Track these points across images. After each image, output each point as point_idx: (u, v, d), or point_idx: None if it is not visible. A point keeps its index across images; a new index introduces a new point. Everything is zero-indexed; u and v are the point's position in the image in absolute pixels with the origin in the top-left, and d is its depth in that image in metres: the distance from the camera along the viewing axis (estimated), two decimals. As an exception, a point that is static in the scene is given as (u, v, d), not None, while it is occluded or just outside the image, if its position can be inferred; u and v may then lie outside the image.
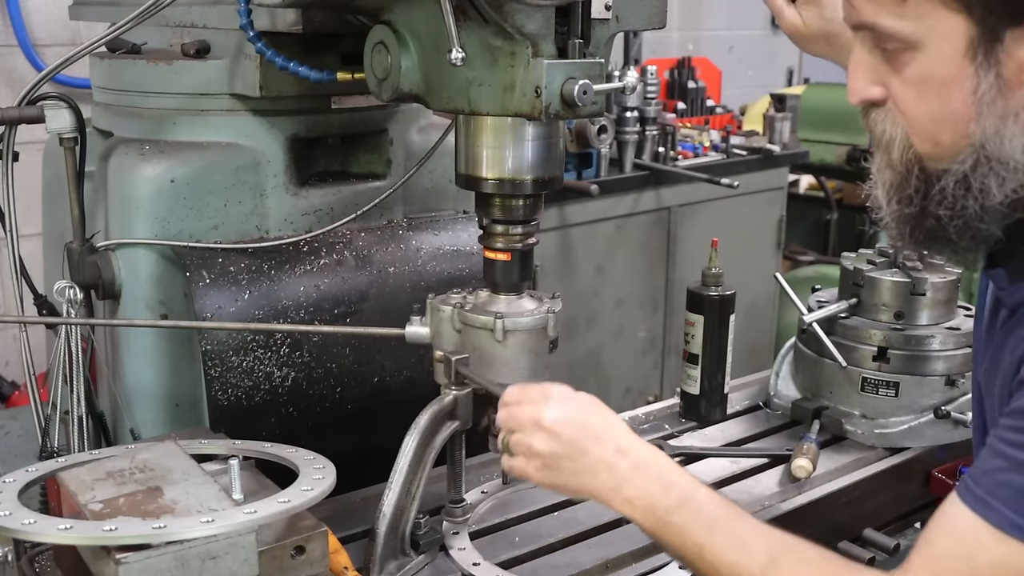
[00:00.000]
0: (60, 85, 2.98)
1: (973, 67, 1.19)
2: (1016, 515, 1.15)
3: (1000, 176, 1.22)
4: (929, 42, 1.20)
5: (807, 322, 2.12)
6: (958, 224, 1.26)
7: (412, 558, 1.61)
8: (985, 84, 1.19)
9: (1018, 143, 1.21)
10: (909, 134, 1.26)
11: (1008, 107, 1.20)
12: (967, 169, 1.23)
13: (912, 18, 1.20)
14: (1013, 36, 1.17)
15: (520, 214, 1.65)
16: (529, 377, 1.68)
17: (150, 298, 1.88)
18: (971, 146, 1.22)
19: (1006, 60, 1.18)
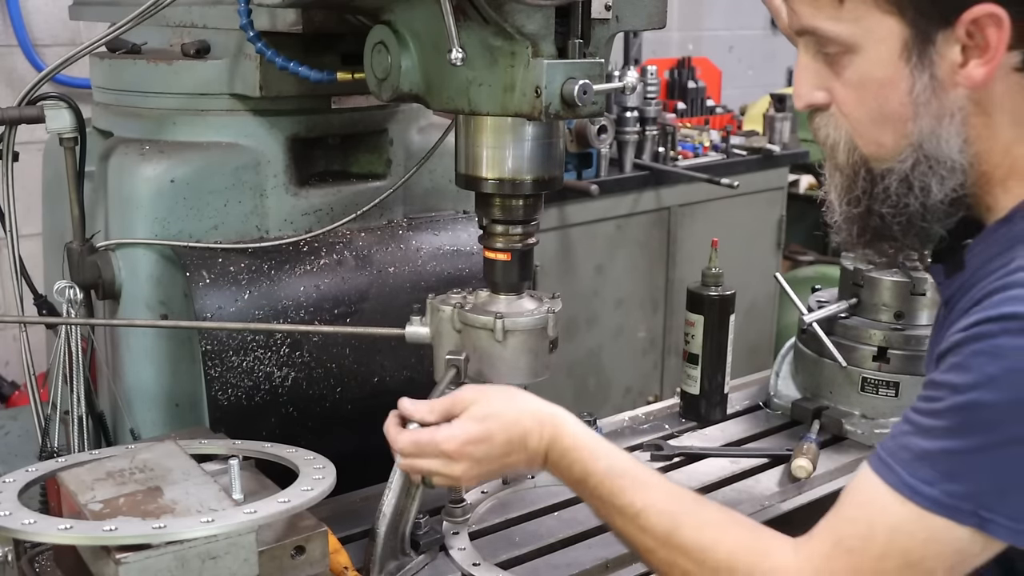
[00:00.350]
0: (60, 85, 2.98)
1: (908, 68, 1.23)
2: (912, 477, 1.17)
3: (939, 175, 1.26)
4: (866, 44, 1.24)
5: (807, 322, 2.12)
6: (901, 222, 1.30)
7: (412, 558, 1.61)
8: (920, 85, 1.23)
9: (955, 143, 1.25)
10: (852, 136, 1.30)
11: (943, 107, 1.24)
12: (908, 168, 1.27)
13: (849, 21, 1.24)
14: (945, 37, 1.21)
15: (520, 214, 1.65)
16: (529, 377, 1.68)
17: (150, 298, 1.89)
18: (911, 146, 1.26)
19: (939, 61, 1.22)
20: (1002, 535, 1.16)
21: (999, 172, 1.28)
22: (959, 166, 1.26)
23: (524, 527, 1.75)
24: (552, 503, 1.82)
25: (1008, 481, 1.15)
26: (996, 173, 1.29)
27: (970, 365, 1.16)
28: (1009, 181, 1.28)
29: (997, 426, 1.14)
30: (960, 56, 1.21)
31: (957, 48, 1.21)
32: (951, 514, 1.16)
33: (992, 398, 1.13)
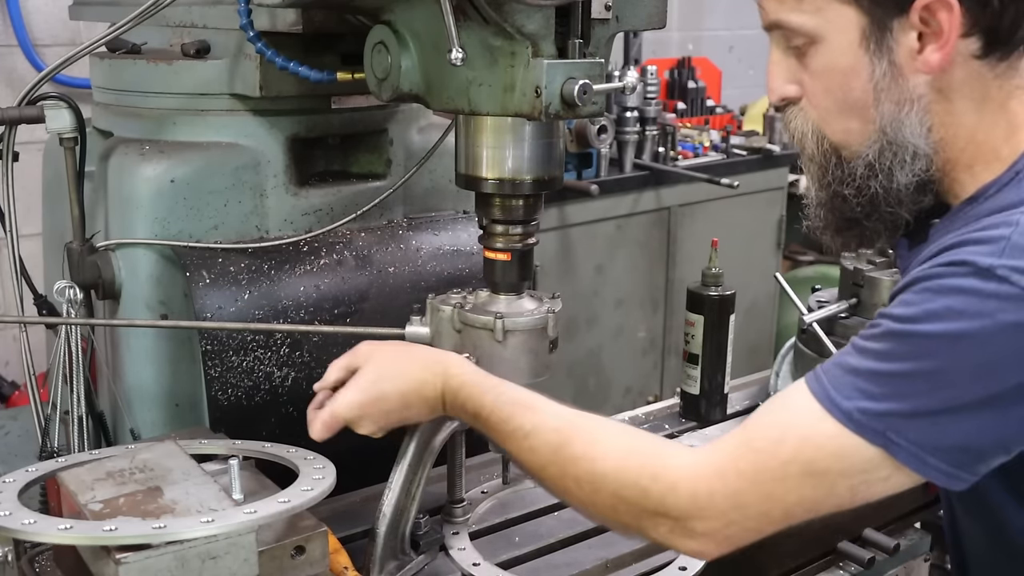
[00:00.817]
0: (60, 85, 2.98)
1: (867, 56, 1.28)
2: (836, 392, 1.21)
3: (903, 160, 1.32)
4: (828, 35, 1.30)
5: (807, 322, 2.12)
6: (863, 203, 1.36)
7: (412, 558, 1.61)
8: (879, 71, 1.29)
9: (918, 130, 1.30)
10: (821, 126, 1.36)
11: (903, 94, 1.29)
12: (874, 154, 1.32)
13: (811, 13, 1.30)
14: (900, 25, 1.26)
15: (520, 214, 1.65)
16: (529, 377, 1.68)
17: (150, 298, 1.89)
18: (875, 131, 1.32)
19: (896, 47, 1.27)
20: (904, 459, 1.19)
21: (964, 157, 1.33)
22: (923, 152, 1.31)
23: (524, 527, 1.75)
24: (552, 503, 1.82)
25: (921, 409, 1.18)
26: (961, 158, 1.33)
27: (914, 300, 1.21)
28: (975, 166, 1.33)
29: (928, 355, 1.18)
30: (917, 42, 1.27)
31: (913, 34, 1.26)
32: (862, 431, 1.20)
33: (926, 329, 1.18)
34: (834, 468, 1.22)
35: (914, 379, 1.19)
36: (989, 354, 1.16)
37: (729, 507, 1.26)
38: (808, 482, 1.23)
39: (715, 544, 1.29)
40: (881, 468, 1.21)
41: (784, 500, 1.25)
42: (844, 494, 1.24)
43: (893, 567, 1.83)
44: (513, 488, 1.86)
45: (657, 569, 1.62)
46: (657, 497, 1.28)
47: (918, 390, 1.19)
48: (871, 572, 1.76)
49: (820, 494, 1.24)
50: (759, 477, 1.25)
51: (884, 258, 2.17)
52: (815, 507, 1.26)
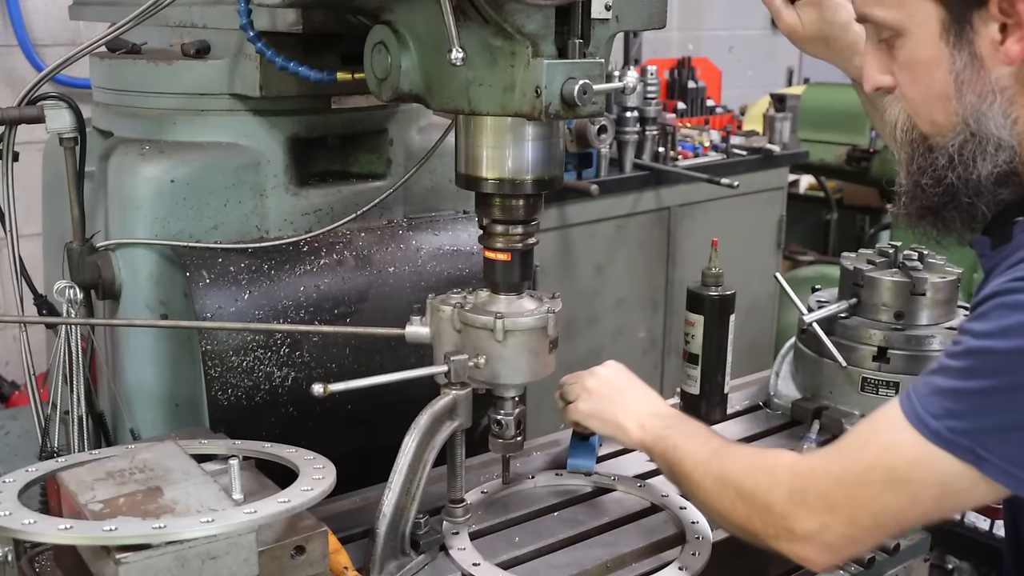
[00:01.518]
0: (60, 85, 2.98)
1: (948, 48, 1.31)
2: (924, 409, 1.26)
3: (985, 151, 1.34)
4: (911, 27, 1.34)
5: (807, 322, 2.12)
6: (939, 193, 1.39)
7: (412, 558, 1.61)
8: (960, 63, 1.31)
9: (1000, 121, 1.32)
10: (911, 115, 1.40)
11: (986, 85, 1.32)
12: (957, 145, 1.34)
13: (892, 6, 1.34)
14: (980, 17, 1.28)
15: (520, 214, 1.65)
16: (530, 377, 1.68)
17: (150, 298, 1.89)
18: (959, 123, 1.34)
19: (977, 39, 1.30)
20: (994, 475, 1.23)
21: None
22: (1006, 144, 1.33)
23: (524, 527, 1.75)
24: (552, 503, 1.82)
25: (1009, 425, 1.21)
26: None
27: (990, 315, 1.24)
28: None
29: (1005, 372, 1.21)
30: (999, 34, 1.28)
31: (995, 26, 1.28)
32: (950, 447, 1.24)
33: (1004, 346, 1.21)
34: (914, 477, 1.27)
35: (994, 395, 1.22)
36: None
37: (821, 508, 1.34)
38: (890, 489, 1.29)
39: (817, 551, 1.37)
40: (963, 479, 1.25)
41: (869, 505, 1.31)
42: (928, 504, 1.29)
43: (893, 567, 1.82)
44: (513, 488, 1.86)
45: (657, 569, 1.62)
46: (764, 490, 1.40)
47: (1000, 406, 1.22)
48: (871, 572, 1.76)
49: (903, 502, 1.29)
50: (845, 479, 1.32)
51: (884, 258, 2.18)
52: (900, 515, 1.31)
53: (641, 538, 1.71)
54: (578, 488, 1.88)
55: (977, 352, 1.24)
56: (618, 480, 1.88)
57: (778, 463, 1.43)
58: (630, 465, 1.97)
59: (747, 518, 1.45)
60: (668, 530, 1.73)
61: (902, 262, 2.14)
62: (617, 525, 1.76)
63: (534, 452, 2.02)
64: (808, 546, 1.37)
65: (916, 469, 1.27)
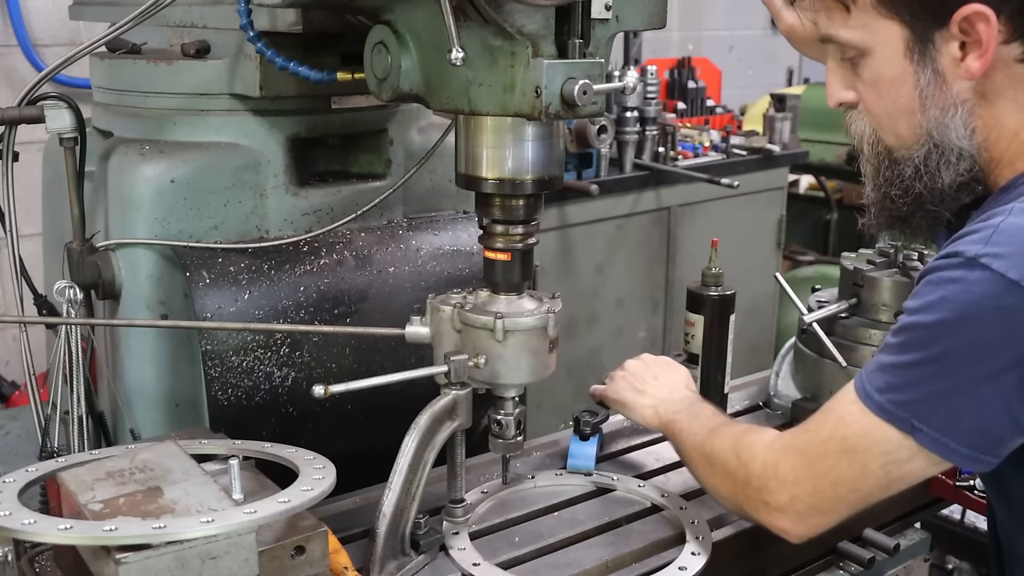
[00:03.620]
0: (60, 85, 2.98)
1: (912, 65, 1.39)
2: (870, 385, 1.37)
3: (948, 161, 1.42)
4: (875, 47, 1.40)
5: (807, 322, 2.12)
6: (909, 202, 1.47)
7: (412, 558, 1.61)
8: (924, 79, 1.39)
9: (961, 132, 1.40)
10: (876, 129, 1.47)
11: (948, 99, 1.39)
12: (921, 157, 1.42)
13: (858, 28, 1.40)
14: (942, 36, 1.36)
15: (520, 214, 1.65)
16: (530, 377, 1.68)
17: (150, 298, 1.89)
18: (923, 135, 1.42)
19: (939, 57, 1.37)
20: (927, 444, 1.32)
21: (1007, 156, 1.41)
22: (967, 153, 1.41)
23: (524, 527, 1.75)
24: (552, 503, 1.82)
25: (936, 394, 1.31)
26: (1004, 157, 1.42)
27: (920, 292, 1.35)
28: (1017, 162, 1.41)
29: (928, 344, 1.31)
30: (959, 51, 1.36)
31: (955, 44, 1.35)
32: (889, 418, 1.34)
33: (929, 319, 1.31)
34: (862, 447, 1.37)
35: (924, 367, 1.31)
36: (980, 336, 1.27)
37: (791, 480, 1.45)
38: (844, 459, 1.39)
39: (790, 521, 1.47)
40: (903, 448, 1.34)
41: (828, 476, 1.41)
42: (878, 473, 1.38)
43: (893, 567, 1.83)
44: (513, 488, 1.86)
45: (657, 569, 1.62)
46: (744, 464, 1.51)
47: (929, 376, 1.31)
48: (871, 572, 1.76)
49: (855, 472, 1.39)
50: (807, 452, 1.44)
51: (884, 258, 2.17)
52: (856, 485, 1.40)
53: (641, 538, 1.71)
54: (578, 488, 1.88)
55: (909, 327, 1.34)
56: (618, 480, 1.88)
57: (758, 440, 1.53)
58: (630, 465, 1.97)
59: (732, 492, 1.55)
60: (668, 530, 1.73)
61: (902, 262, 2.14)
62: (617, 525, 1.76)
63: (534, 452, 2.02)
64: (782, 517, 1.47)
65: (863, 440, 1.37)
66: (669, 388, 1.86)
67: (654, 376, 1.90)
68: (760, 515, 1.50)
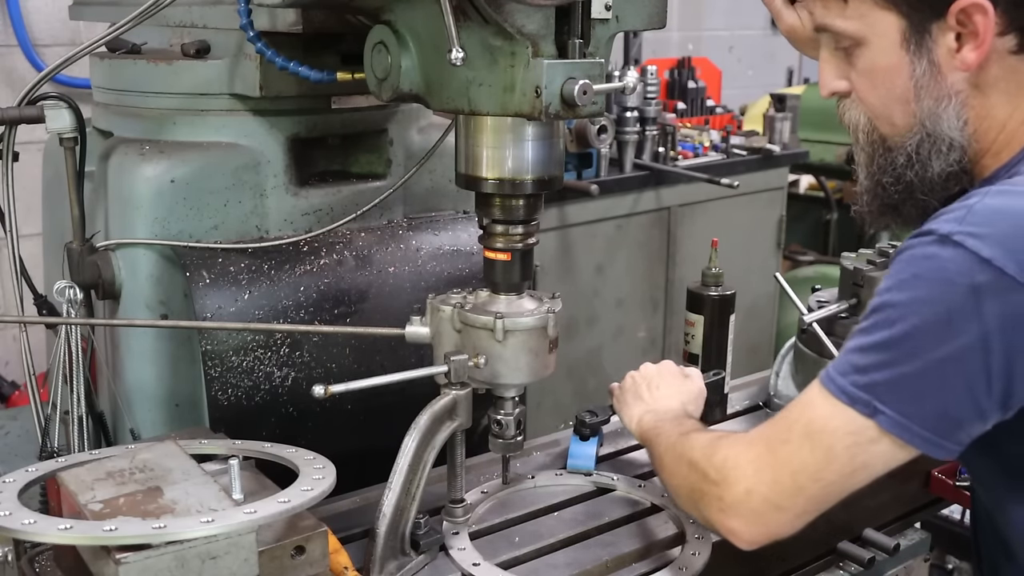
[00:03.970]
0: (60, 85, 2.98)
1: (908, 56, 1.39)
2: (834, 370, 1.34)
3: (939, 151, 1.43)
4: (871, 37, 1.41)
5: (807, 322, 2.12)
6: (900, 190, 1.47)
7: (412, 558, 1.61)
8: (919, 69, 1.39)
9: (954, 123, 1.41)
10: (870, 118, 1.47)
11: (942, 90, 1.40)
12: (913, 145, 1.43)
13: (855, 18, 1.41)
14: (938, 27, 1.36)
15: (520, 214, 1.65)
16: (530, 376, 1.68)
17: (150, 298, 1.89)
18: (916, 124, 1.43)
19: (935, 48, 1.38)
20: (890, 427, 1.29)
21: (995, 146, 1.43)
22: (958, 143, 1.42)
23: (524, 527, 1.75)
24: (552, 503, 1.82)
25: (900, 375, 1.28)
26: (992, 148, 1.43)
27: (892, 272, 1.32)
28: (1003, 152, 1.43)
29: (896, 323, 1.28)
30: (955, 42, 1.37)
31: (951, 35, 1.37)
32: (852, 402, 1.31)
33: (897, 298, 1.29)
34: (827, 430, 1.33)
35: (890, 347, 1.29)
36: (946, 314, 1.25)
37: (749, 471, 1.38)
38: (806, 444, 1.34)
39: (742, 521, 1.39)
40: (867, 430, 1.30)
41: (789, 463, 1.35)
42: (843, 457, 1.33)
43: (893, 567, 1.83)
44: (513, 488, 1.86)
45: (657, 569, 1.62)
46: (706, 458, 1.45)
47: (894, 357, 1.28)
48: (871, 572, 1.76)
49: (819, 457, 1.34)
50: (770, 438, 1.39)
51: (884, 258, 2.17)
52: (818, 473, 1.34)
53: (641, 538, 1.71)
54: (578, 488, 1.88)
55: (878, 308, 1.31)
56: (618, 480, 1.88)
57: (725, 436, 1.49)
58: (630, 465, 1.97)
59: (692, 489, 1.47)
60: (668, 530, 1.73)
61: (902, 262, 2.14)
62: (617, 525, 1.76)
63: (534, 452, 2.02)
64: (734, 517, 1.39)
65: (828, 422, 1.33)
66: (665, 400, 1.82)
67: (657, 386, 1.87)
68: (712, 514, 1.42)
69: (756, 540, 1.40)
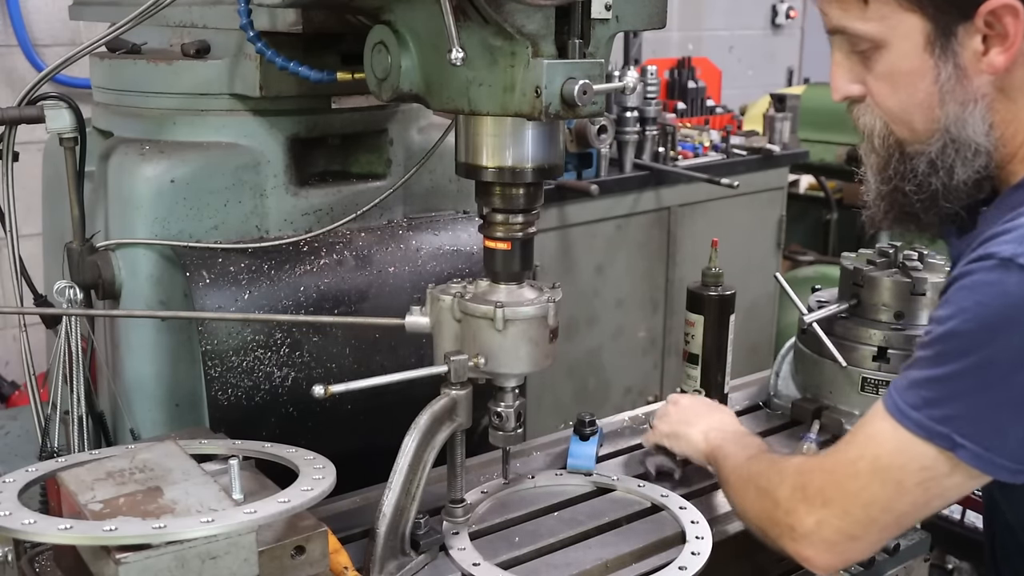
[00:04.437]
0: (60, 85, 2.98)
1: (933, 59, 1.35)
2: (903, 402, 1.31)
3: (964, 157, 1.38)
4: (893, 40, 1.36)
5: (807, 322, 2.12)
6: (924, 199, 1.42)
7: (412, 558, 1.61)
8: (944, 74, 1.35)
9: (979, 128, 1.36)
10: (887, 123, 1.43)
11: (968, 94, 1.35)
12: (936, 151, 1.38)
13: (876, 20, 1.36)
14: (965, 29, 1.32)
15: (520, 203, 1.64)
16: (530, 367, 1.67)
17: (150, 298, 1.89)
18: (939, 130, 1.37)
19: (961, 51, 1.33)
20: (970, 460, 1.27)
21: (1022, 151, 1.38)
22: (983, 149, 1.37)
23: (524, 527, 1.75)
24: (552, 503, 1.82)
25: (981, 406, 1.26)
26: (1019, 153, 1.39)
27: (952, 299, 1.29)
28: None
29: (967, 353, 1.25)
30: (981, 45, 1.33)
31: (978, 38, 1.31)
32: (929, 436, 1.28)
33: (964, 327, 1.25)
34: (896, 464, 1.32)
35: (964, 378, 1.26)
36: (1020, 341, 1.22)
37: (818, 503, 1.38)
38: (876, 478, 1.33)
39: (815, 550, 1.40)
40: (941, 463, 1.29)
41: (859, 496, 1.35)
42: (915, 492, 1.31)
43: (893, 567, 1.82)
44: (513, 488, 1.86)
45: (657, 569, 1.62)
46: (774, 486, 1.46)
47: (969, 388, 1.26)
48: (871, 572, 1.76)
49: (890, 491, 1.33)
50: (836, 471, 1.38)
51: (884, 258, 2.17)
52: (890, 505, 1.34)
53: (641, 538, 1.71)
54: (578, 488, 1.88)
55: (943, 337, 1.28)
56: (618, 480, 1.88)
57: (790, 462, 1.49)
58: (630, 465, 1.97)
59: (760, 515, 1.50)
60: (668, 530, 1.73)
61: (902, 262, 2.14)
62: (617, 525, 1.76)
63: (534, 452, 2.02)
64: (807, 545, 1.40)
65: (898, 457, 1.31)
66: (720, 420, 1.85)
67: (698, 412, 1.90)
68: (785, 542, 1.43)
69: (832, 567, 1.42)
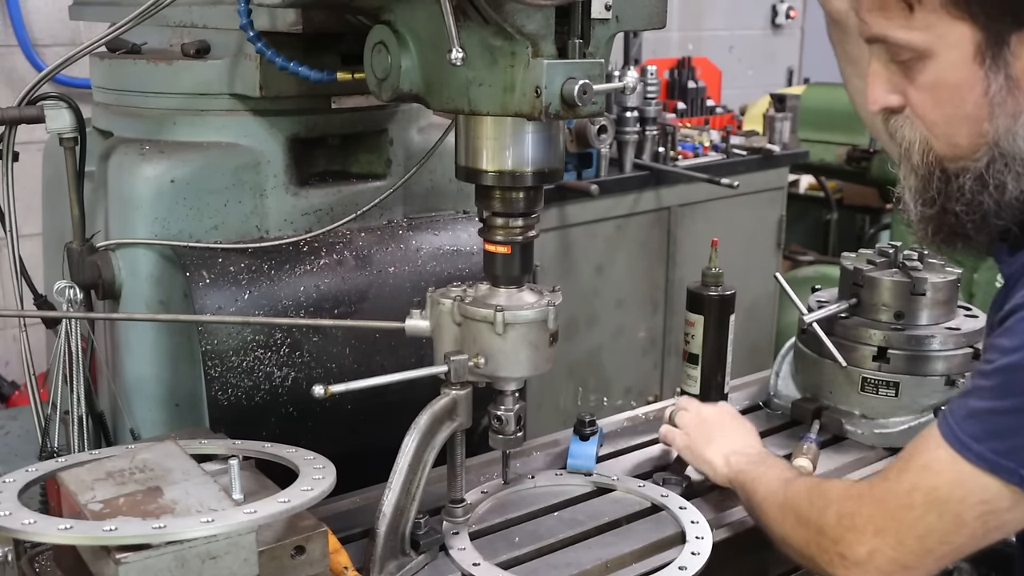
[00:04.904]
0: (60, 85, 2.99)
1: (983, 70, 1.27)
2: (963, 433, 1.27)
3: (1015, 172, 1.29)
4: (939, 50, 1.28)
5: (807, 322, 2.12)
6: (975, 219, 1.34)
7: (412, 558, 1.61)
8: (995, 86, 1.27)
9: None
10: (928, 137, 1.33)
11: (1019, 106, 1.28)
12: (983, 167, 1.30)
13: (921, 29, 1.28)
14: (1019, 38, 1.25)
15: (520, 206, 1.64)
16: (530, 370, 1.67)
17: (150, 298, 1.89)
18: (986, 145, 1.29)
19: (1014, 61, 1.26)
20: None
21: None
22: None
23: (524, 527, 1.75)
24: (552, 503, 1.82)
25: None
26: None
27: (1017, 330, 1.23)
28: None
29: None
30: None
31: None
32: (994, 470, 1.24)
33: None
34: (955, 497, 1.28)
35: None
36: None
37: (870, 532, 1.34)
38: (933, 510, 1.29)
39: None
40: (1004, 497, 1.25)
41: (914, 528, 1.31)
42: (974, 524, 1.27)
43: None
44: (513, 488, 1.86)
45: (657, 569, 1.62)
46: (817, 513, 1.42)
47: None
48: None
49: (947, 524, 1.29)
50: (888, 501, 1.34)
51: (884, 258, 2.17)
52: (947, 538, 1.30)
53: (641, 538, 1.71)
54: (578, 488, 1.88)
55: (1007, 369, 1.24)
56: (618, 480, 1.88)
57: (833, 487, 1.45)
58: (630, 465, 1.97)
59: (805, 542, 1.45)
60: (668, 530, 1.73)
61: (902, 262, 2.14)
62: (617, 525, 1.76)
63: (534, 452, 2.02)
64: (860, 572, 1.36)
65: (958, 489, 1.27)
66: (740, 440, 1.82)
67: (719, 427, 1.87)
68: (836, 569, 1.39)
69: None
